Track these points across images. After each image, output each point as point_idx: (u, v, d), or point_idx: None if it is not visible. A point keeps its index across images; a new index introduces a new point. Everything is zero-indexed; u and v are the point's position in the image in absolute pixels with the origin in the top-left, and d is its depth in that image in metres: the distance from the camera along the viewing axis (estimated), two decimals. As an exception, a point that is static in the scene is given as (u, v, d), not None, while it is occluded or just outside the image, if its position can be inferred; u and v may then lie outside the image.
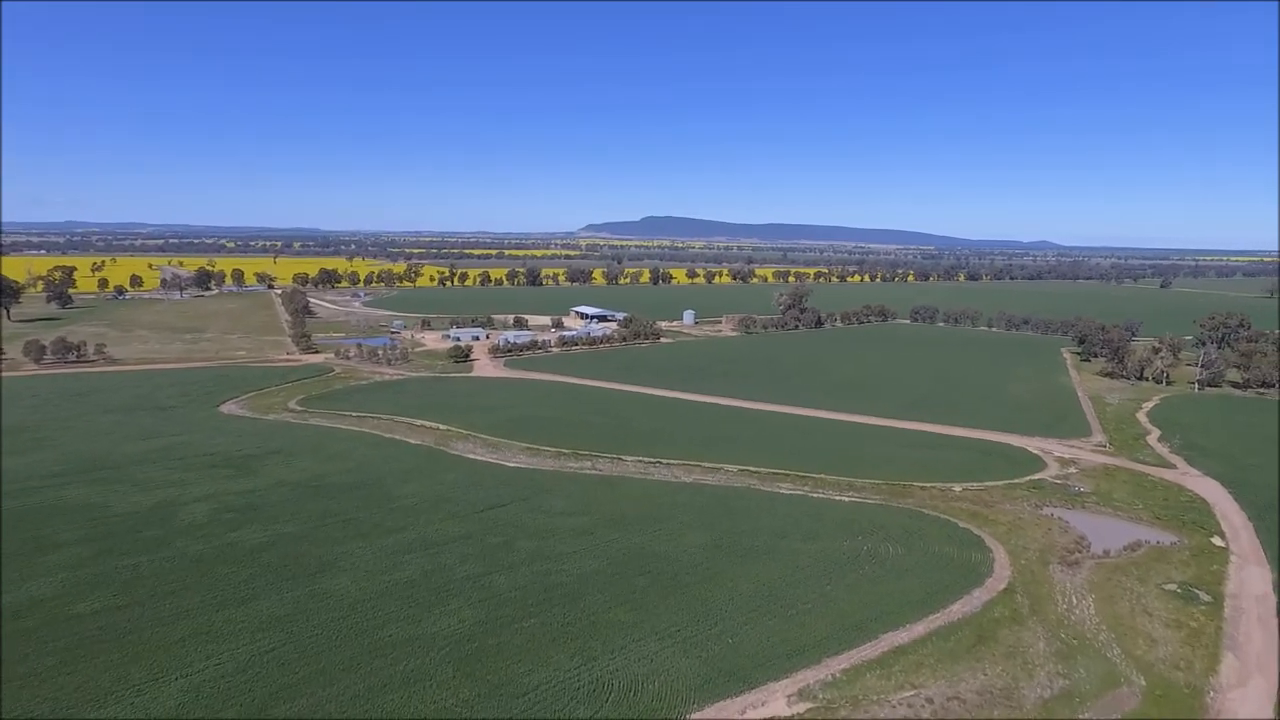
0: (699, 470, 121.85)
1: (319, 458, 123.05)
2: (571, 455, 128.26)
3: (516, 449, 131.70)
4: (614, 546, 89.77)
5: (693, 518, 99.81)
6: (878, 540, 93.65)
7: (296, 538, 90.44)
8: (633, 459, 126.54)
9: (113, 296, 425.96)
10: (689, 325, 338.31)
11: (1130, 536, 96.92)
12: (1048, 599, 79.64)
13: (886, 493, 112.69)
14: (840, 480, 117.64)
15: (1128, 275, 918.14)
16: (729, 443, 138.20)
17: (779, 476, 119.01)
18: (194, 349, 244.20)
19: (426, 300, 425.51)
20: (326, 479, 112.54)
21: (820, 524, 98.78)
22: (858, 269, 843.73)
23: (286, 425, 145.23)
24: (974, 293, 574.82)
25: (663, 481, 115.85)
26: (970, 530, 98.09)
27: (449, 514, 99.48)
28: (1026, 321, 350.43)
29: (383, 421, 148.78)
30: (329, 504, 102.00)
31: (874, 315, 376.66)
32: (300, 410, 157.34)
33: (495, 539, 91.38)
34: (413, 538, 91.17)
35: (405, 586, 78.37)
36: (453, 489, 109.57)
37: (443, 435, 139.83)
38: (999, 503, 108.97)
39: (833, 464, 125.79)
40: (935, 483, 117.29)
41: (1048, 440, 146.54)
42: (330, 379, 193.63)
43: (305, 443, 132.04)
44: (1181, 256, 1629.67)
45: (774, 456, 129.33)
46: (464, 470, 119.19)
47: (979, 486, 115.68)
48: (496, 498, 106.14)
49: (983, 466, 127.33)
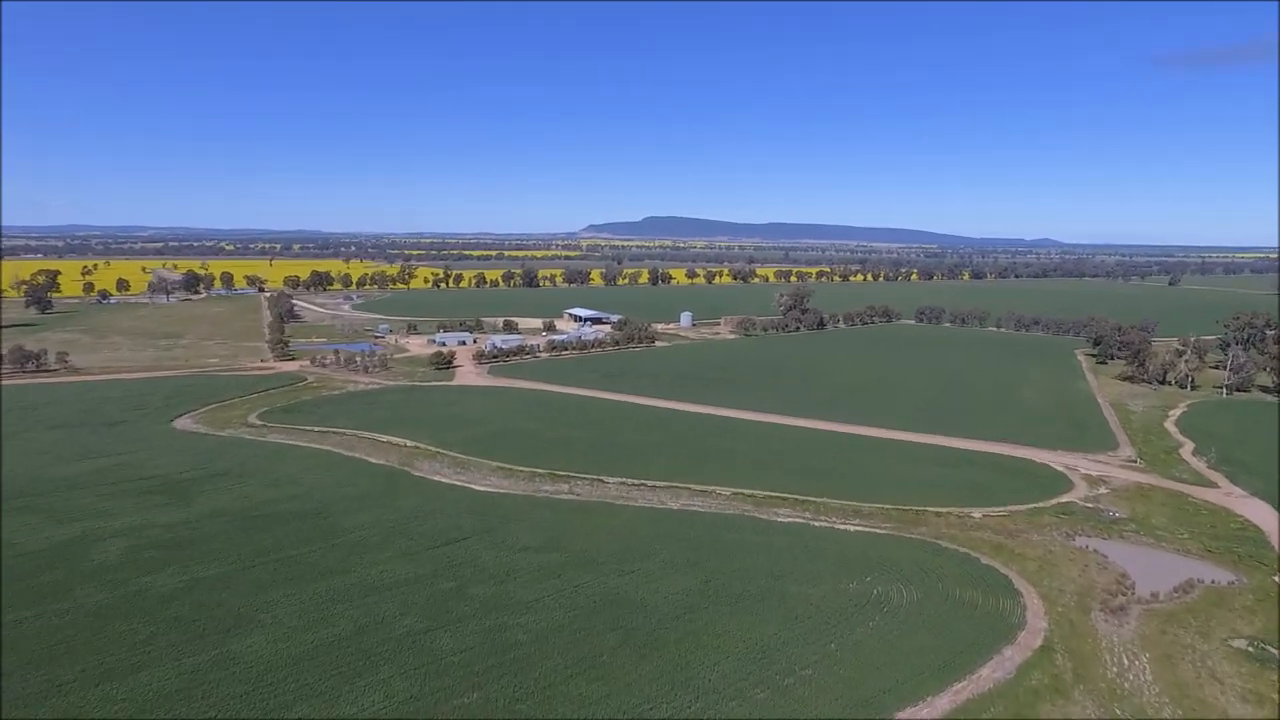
0: (687, 494, 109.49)
1: (266, 481, 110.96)
2: (547, 477, 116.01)
3: (487, 469, 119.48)
4: (583, 593, 77.52)
5: (677, 554, 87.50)
6: (889, 581, 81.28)
7: (217, 583, 78.33)
8: (614, 480, 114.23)
9: (97, 301, 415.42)
10: (686, 327, 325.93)
11: (1180, 574, 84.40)
12: (1094, 659, 67.16)
13: (897, 520, 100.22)
14: (845, 505, 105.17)
15: (1134, 273, 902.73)
16: (722, 460, 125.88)
17: (776, 501, 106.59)
18: (165, 356, 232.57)
19: (418, 303, 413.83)
20: (269, 508, 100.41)
21: (822, 561, 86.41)
22: (860, 268, 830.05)
23: (240, 443, 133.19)
24: (979, 292, 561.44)
25: (646, 508, 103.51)
26: (995, 568, 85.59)
27: (399, 551, 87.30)
28: (1037, 322, 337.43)
29: (346, 438, 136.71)
30: (265, 539, 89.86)
31: (878, 316, 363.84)
32: (259, 425, 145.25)
33: (446, 583, 79.15)
34: (352, 582, 79.00)
35: (331, 647, 66.17)
36: (408, 519, 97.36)
37: (409, 453, 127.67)
38: (1025, 532, 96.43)
39: (836, 485, 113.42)
40: (951, 508, 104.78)
41: (1072, 454, 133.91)
42: (300, 389, 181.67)
43: (255, 463, 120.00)
44: (1186, 254, 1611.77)
45: (771, 476, 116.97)
46: (425, 495, 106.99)
47: (1001, 512, 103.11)
48: (456, 530, 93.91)
49: (1003, 487, 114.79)
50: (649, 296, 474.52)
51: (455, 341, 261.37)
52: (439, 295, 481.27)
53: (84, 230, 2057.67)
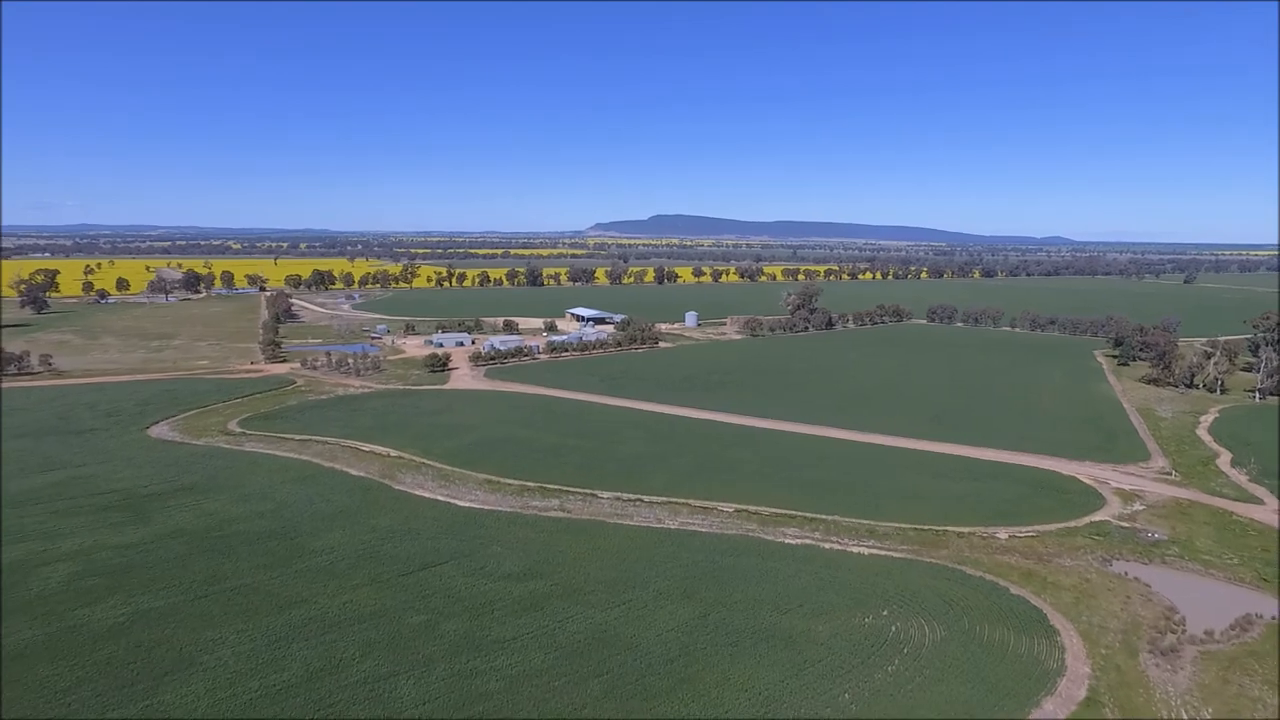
0: (687, 511, 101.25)
1: (234, 496, 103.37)
2: (537, 491, 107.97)
3: (474, 483, 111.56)
4: (567, 629, 69.48)
5: (673, 582, 79.35)
6: (908, 615, 72.90)
7: (162, 616, 70.69)
8: (609, 496, 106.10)
9: (95, 300, 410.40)
10: (691, 327, 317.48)
11: (1234, 607, 75.68)
12: (1149, 715, 58.63)
13: (915, 542, 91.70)
14: (858, 524, 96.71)
15: (1147, 270, 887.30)
16: (725, 472, 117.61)
17: (783, 520, 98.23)
18: (154, 358, 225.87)
19: (420, 302, 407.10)
20: (233, 526, 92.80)
21: (833, 590, 78.09)
22: (869, 266, 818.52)
23: (215, 453, 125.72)
24: (991, 290, 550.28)
25: (642, 528, 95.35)
26: (1026, 599, 77.08)
27: (368, 578, 79.48)
28: (1053, 321, 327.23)
29: (327, 446, 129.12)
30: (222, 563, 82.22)
31: (888, 315, 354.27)
32: (238, 433, 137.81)
33: (416, 617, 71.27)
34: (310, 615, 71.19)
35: (276, 697, 58.38)
36: (383, 540, 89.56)
37: (391, 464, 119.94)
38: (1057, 556, 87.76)
39: (848, 501, 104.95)
40: (974, 527, 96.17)
41: (1101, 466, 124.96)
42: (287, 393, 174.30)
43: (227, 476, 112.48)
44: (1199, 251, 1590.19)
45: (778, 491, 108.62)
46: (404, 512, 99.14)
47: (1029, 532, 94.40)
48: (432, 553, 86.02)
49: (1029, 503, 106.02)
50: (654, 295, 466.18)
51: (453, 343, 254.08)
52: (441, 294, 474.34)
53: (94, 230, 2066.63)
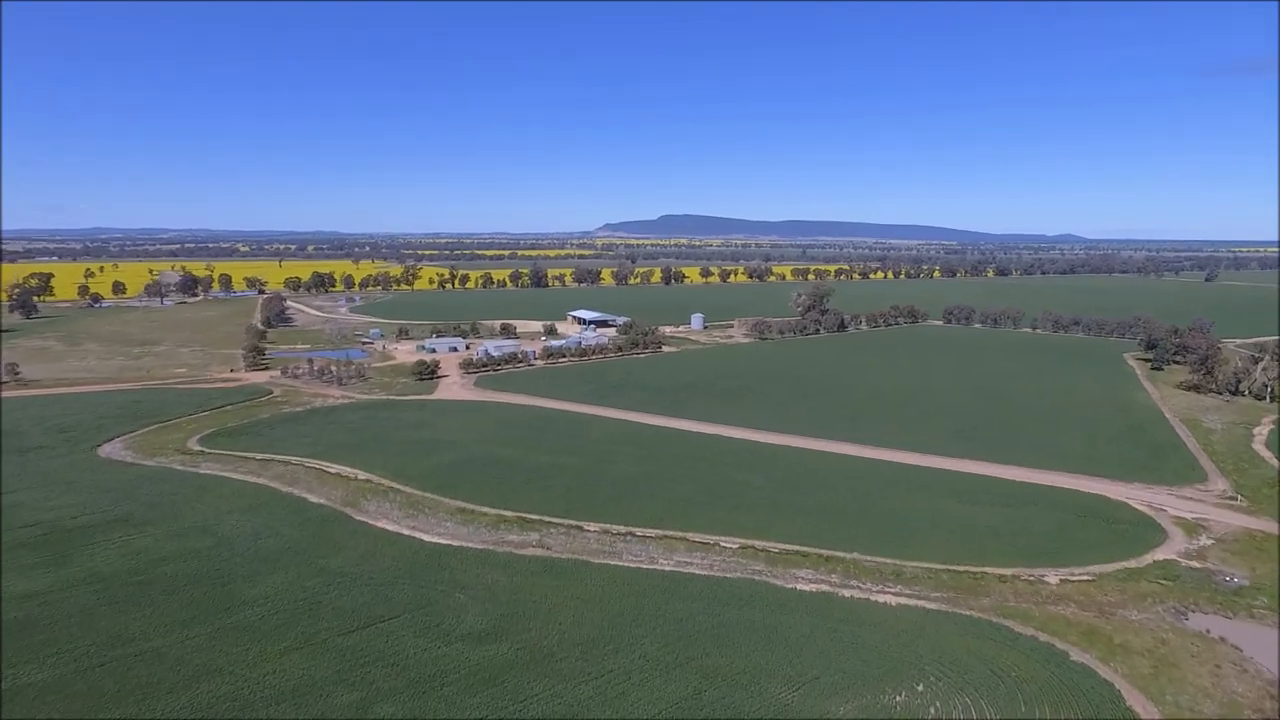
0: (684, 547, 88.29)
1: (171, 530, 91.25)
2: (515, 523, 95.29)
3: (445, 512, 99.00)
4: (529, 712, 56.68)
5: (663, 644, 66.43)
6: (949, 691, 59.70)
7: (40, 694, 58.43)
8: (596, 529, 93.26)
9: (89, 305, 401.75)
10: (697, 330, 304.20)
11: (1347, 680, 61.98)
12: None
13: (950, 587, 78.40)
14: (881, 564, 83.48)
15: (1165, 268, 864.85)
16: (730, 498, 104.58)
17: (795, 558, 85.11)
18: (130, 366, 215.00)
19: (420, 305, 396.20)
20: (159, 569, 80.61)
21: (856, 654, 64.94)
22: (880, 265, 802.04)
23: (164, 475, 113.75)
24: (1007, 290, 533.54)
25: (631, 569, 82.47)
26: (1091, 669, 63.66)
27: (301, 638, 67.00)
28: (1077, 322, 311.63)
29: (290, 468, 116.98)
30: (133, 620, 69.96)
31: (903, 316, 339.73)
32: (195, 452, 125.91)
33: (348, 694, 58.69)
34: (221, 692, 58.74)
35: (151, 818, 45.98)
36: (329, 586, 77.14)
37: (357, 489, 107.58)
38: (1121, 607, 74.25)
39: (869, 533, 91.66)
40: (1017, 567, 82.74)
41: (1153, 488, 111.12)
42: (260, 405, 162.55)
43: (170, 504, 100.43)
44: (1215, 249, 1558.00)
45: (788, 520, 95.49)
46: (361, 549, 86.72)
47: (1083, 575, 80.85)
48: (384, 603, 73.50)
49: (1076, 536, 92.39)
50: (660, 297, 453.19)
51: (446, 348, 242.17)
52: (443, 296, 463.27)
53: (107, 233, 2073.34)
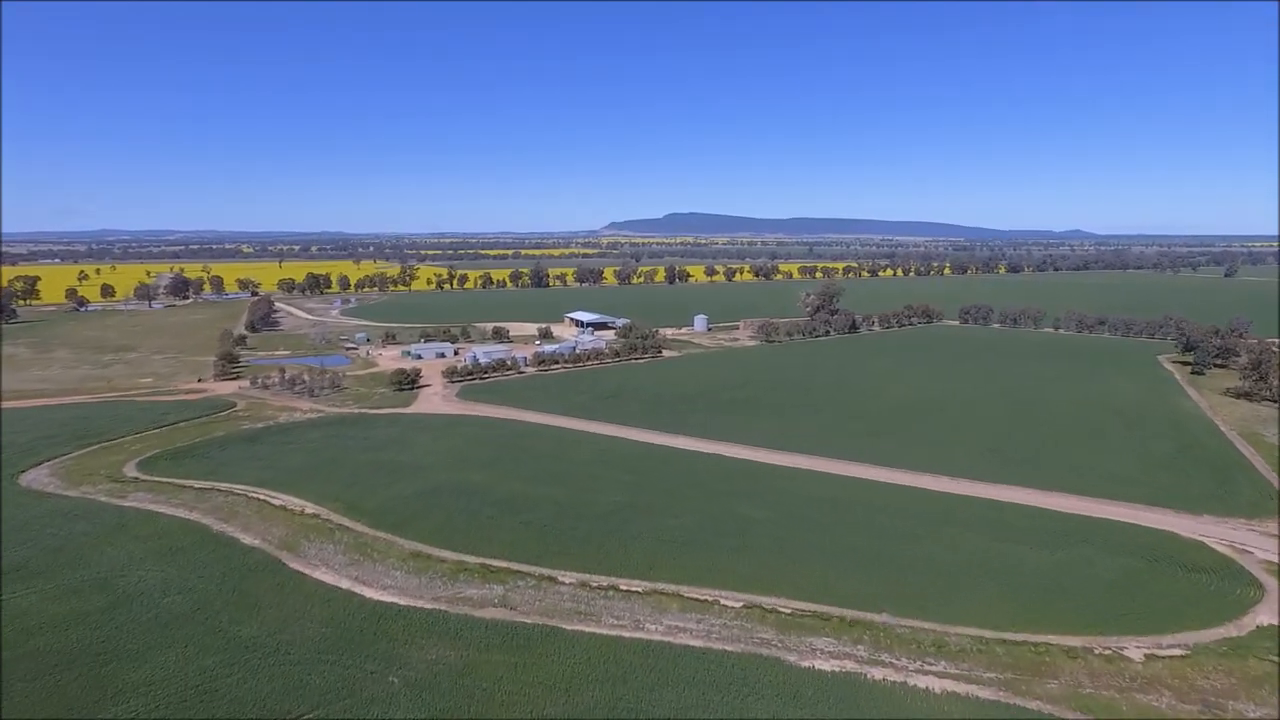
0: (677, 606, 72.86)
1: (63, 585, 76.45)
2: (477, 571, 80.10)
3: (396, 557, 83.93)
4: None
5: (644, 758, 51.17)
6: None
7: None
8: (572, 579, 78.01)
9: (74, 308, 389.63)
10: (700, 332, 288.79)
11: None
12: None
13: (1006, 665, 62.77)
14: (919, 631, 67.90)
15: (1181, 264, 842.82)
16: (731, 536, 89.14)
17: (812, 621, 69.62)
18: (93, 376, 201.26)
19: (415, 306, 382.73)
20: (29, 642, 65.67)
21: (897, 775, 49.51)
22: (889, 263, 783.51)
23: (84, 509, 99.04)
24: (1021, 287, 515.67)
25: (611, 639, 67.14)
26: (1210, 798, 48.15)
27: (178, 749, 52.03)
28: (1102, 322, 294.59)
29: (231, 498, 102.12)
30: (-26, 719, 55.25)
31: (917, 316, 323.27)
32: (129, 479, 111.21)
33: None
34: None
35: None
36: (230, 666, 62.07)
37: (300, 526, 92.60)
38: (1231, 697, 58.47)
39: (899, 585, 76.11)
40: (1087, 636, 67.00)
41: (1228, 521, 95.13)
42: (218, 421, 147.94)
43: (75, 548, 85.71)
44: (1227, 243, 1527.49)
45: (802, 570, 79.99)
46: (284, 611, 71.69)
47: (1174, 647, 64.98)
48: (296, 693, 58.30)
49: (1153, 589, 76.53)
50: (664, 296, 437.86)
51: (433, 354, 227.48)
52: (440, 297, 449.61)
53: (114, 235, 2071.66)
